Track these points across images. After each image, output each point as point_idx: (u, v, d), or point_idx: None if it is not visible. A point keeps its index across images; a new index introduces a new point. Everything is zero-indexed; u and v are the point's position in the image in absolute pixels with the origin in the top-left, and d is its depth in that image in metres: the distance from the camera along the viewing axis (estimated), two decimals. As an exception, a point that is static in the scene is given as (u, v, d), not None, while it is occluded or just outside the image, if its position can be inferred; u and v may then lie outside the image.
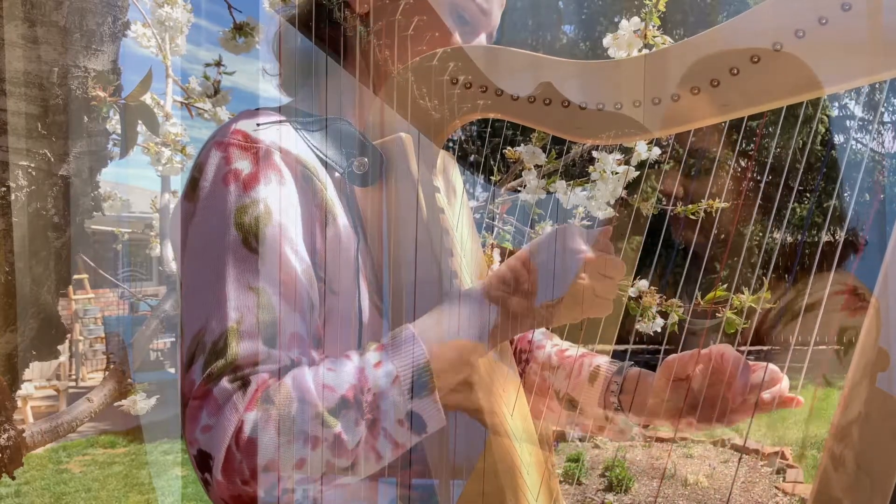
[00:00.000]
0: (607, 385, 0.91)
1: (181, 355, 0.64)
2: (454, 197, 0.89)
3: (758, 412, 0.78)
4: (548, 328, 0.99)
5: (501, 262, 1.66)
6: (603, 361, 0.94)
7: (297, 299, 0.65)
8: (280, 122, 0.72)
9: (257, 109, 0.76)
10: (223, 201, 0.66)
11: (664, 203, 1.52)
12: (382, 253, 0.75)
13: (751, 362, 0.80)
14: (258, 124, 0.70)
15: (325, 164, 0.73)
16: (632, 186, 1.56)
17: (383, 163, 0.76)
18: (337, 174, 0.74)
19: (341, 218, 0.72)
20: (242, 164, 0.67)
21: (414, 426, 0.64)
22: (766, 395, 0.77)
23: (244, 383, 0.60)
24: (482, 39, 0.85)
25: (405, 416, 0.63)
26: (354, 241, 0.72)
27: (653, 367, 0.92)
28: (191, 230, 0.68)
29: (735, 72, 0.65)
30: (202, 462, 0.59)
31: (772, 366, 0.79)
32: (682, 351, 0.86)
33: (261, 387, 0.60)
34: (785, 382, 0.79)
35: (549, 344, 1.00)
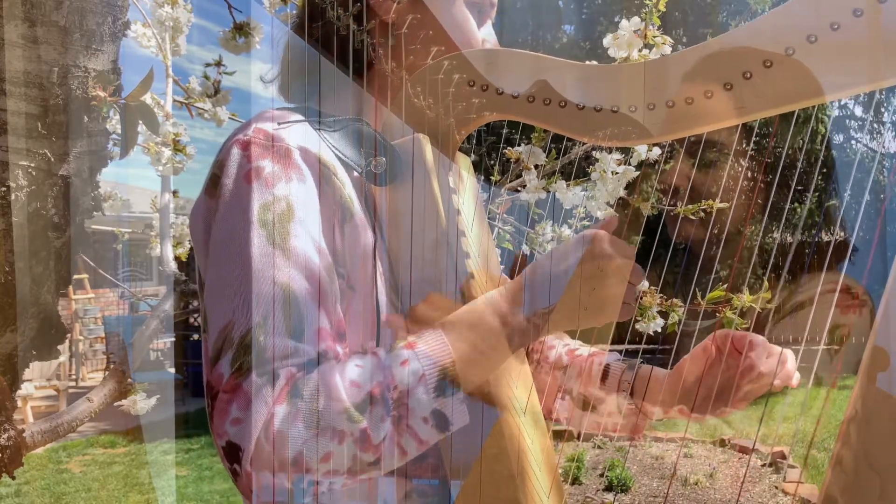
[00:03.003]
0: (618, 384, 0.92)
1: (206, 349, 0.66)
2: (469, 197, 0.90)
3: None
4: (568, 329, 1.00)
5: (501, 262, 1.66)
6: (613, 359, 0.96)
7: (320, 294, 0.67)
8: (300, 121, 0.74)
9: (278, 109, 0.77)
10: (246, 199, 0.67)
11: (664, 203, 1.52)
12: (398, 251, 0.76)
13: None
14: (279, 123, 0.72)
15: (343, 163, 0.74)
16: (632, 186, 1.56)
17: (401, 163, 0.77)
18: (355, 173, 0.75)
19: (358, 216, 0.73)
20: (264, 162, 0.68)
21: (438, 424, 0.65)
22: (777, 381, 0.81)
23: (273, 377, 0.61)
24: (488, 26, 0.88)
25: (430, 414, 0.65)
26: (371, 238, 0.74)
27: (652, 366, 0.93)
28: (213, 227, 0.69)
29: (748, 76, 0.65)
30: (231, 453, 0.61)
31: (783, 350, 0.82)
32: (677, 351, 0.88)
33: (289, 381, 0.61)
34: (790, 363, 0.82)
35: (560, 344, 1.01)
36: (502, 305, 0.70)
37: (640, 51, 1.35)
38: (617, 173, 1.54)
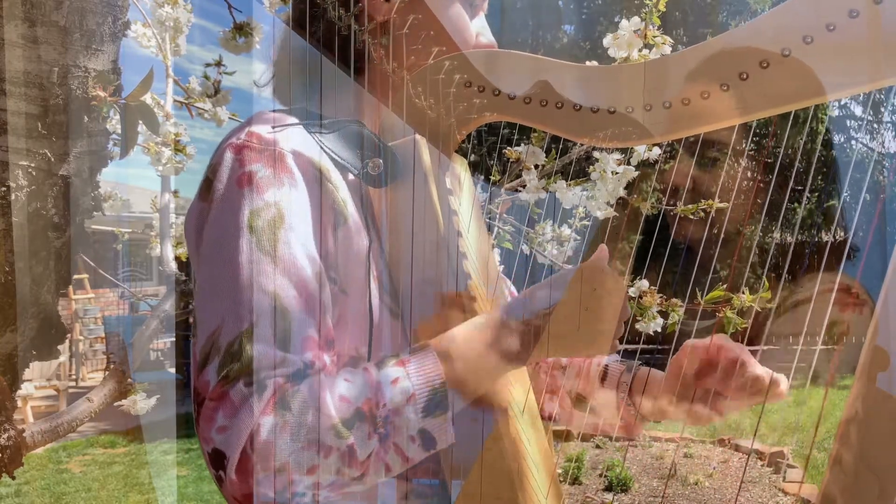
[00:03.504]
0: (617, 384, 0.92)
1: (194, 354, 0.65)
2: (466, 198, 0.89)
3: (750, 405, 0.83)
4: (560, 356, 1.00)
5: (500, 261, 1.66)
6: (611, 360, 0.96)
7: (310, 302, 0.66)
8: (294, 124, 0.73)
9: (272, 111, 0.77)
10: (237, 204, 0.67)
11: (664, 203, 1.52)
12: (395, 253, 0.76)
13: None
14: (273, 126, 0.71)
15: (339, 166, 0.74)
16: (632, 186, 1.56)
17: (397, 164, 0.77)
18: (351, 175, 0.75)
19: (353, 219, 0.73)
20: (256, 167, 0.68)
21: (424, 443, 0.65)
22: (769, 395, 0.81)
23: (260, 387, 0.61)
24: (480, 18, 0.88)
25: (417, 433, 0.65)
26: (366, 242, 0.73)
27: (650, 367, 0.93)
28: (205, 231, 0.68)
29: (744, 76, 0.65)
30: (216, 460, 0.60)
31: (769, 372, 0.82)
32: (676, 351, 0.88)
33: (277, 391, 0.61)
34: (783, 384, 0.82)
35: None
36: (497, 326, 0.70)
37: (640, 51, 1.36)
38: (617, 173, 1.54)
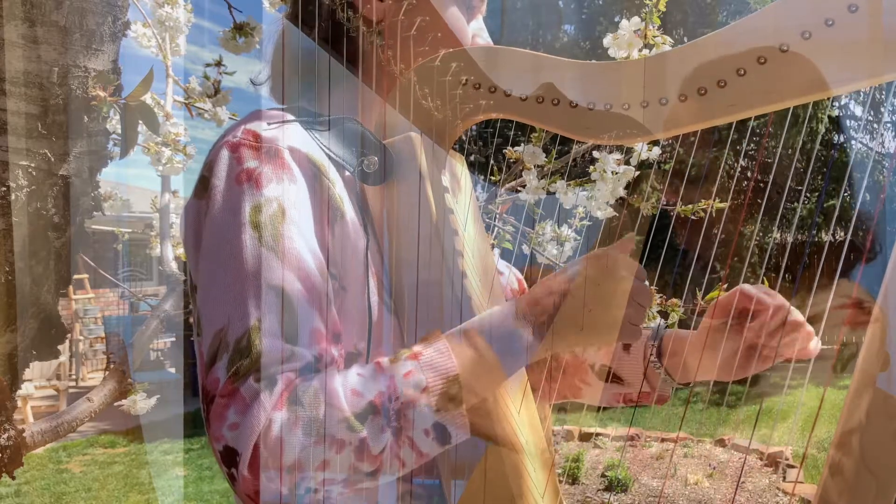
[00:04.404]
0: (644, 350, 0.92)
1: (201, 353, 0.65)
2: (463, 196, 0.89)
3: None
4: (571, 348, 0.99)
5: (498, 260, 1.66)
6: None
7: (315, 296, 0.66)
8: (290, 121, 0.73)
9: (268, 109, 0.77)
10: (237, 201, 0.66)
11: (664, 203, 1.52)
12: (390, 250, 0.76)
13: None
14: (268, 123, 0.71)
15: (335, 163, 0.74)
16: (632, 186, 1.56)
17: (393, 161, 0.76)
18: (347, 173, 0.75)
19: (350, 216, 0.73)
20: (254, 164, 0.68)
21: (439, 437, 0.64)
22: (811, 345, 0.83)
23: (271, 382, 0.61)
24: (478, 20, 0.88)
25: (431, 427, 0.64)
26: (363, 238, 0.73)
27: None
28: (205, 230, 0.68)
29: (742, 72, 0.65)
30: (228, 458, 0.60)
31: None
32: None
33: (288, 386, 0.61)
34: (815, 342, 0.83)
35: None
36: (509, 319, 0.69)
37: (640, 51, 1.35)
38: (617, 173, 1.54)
